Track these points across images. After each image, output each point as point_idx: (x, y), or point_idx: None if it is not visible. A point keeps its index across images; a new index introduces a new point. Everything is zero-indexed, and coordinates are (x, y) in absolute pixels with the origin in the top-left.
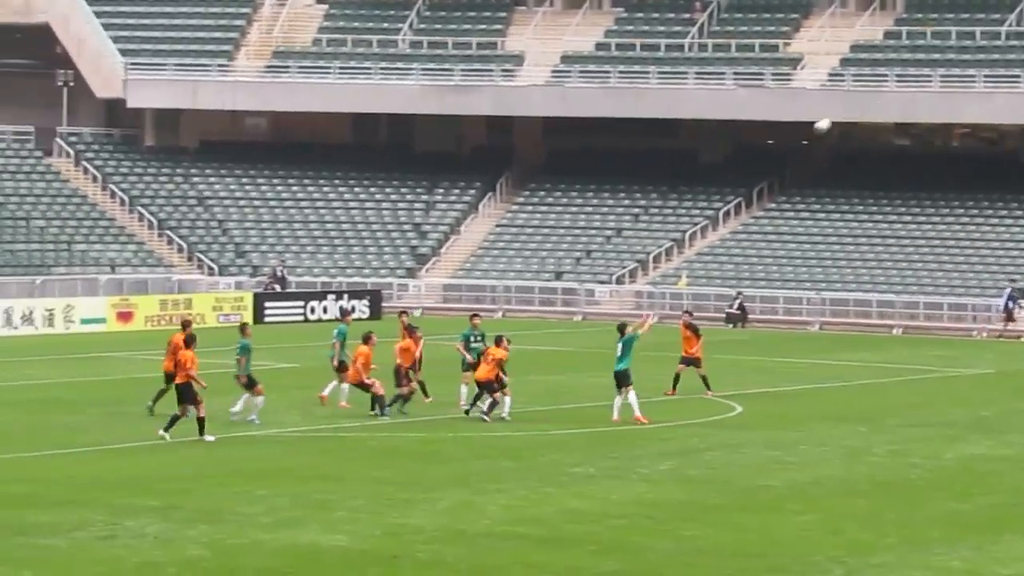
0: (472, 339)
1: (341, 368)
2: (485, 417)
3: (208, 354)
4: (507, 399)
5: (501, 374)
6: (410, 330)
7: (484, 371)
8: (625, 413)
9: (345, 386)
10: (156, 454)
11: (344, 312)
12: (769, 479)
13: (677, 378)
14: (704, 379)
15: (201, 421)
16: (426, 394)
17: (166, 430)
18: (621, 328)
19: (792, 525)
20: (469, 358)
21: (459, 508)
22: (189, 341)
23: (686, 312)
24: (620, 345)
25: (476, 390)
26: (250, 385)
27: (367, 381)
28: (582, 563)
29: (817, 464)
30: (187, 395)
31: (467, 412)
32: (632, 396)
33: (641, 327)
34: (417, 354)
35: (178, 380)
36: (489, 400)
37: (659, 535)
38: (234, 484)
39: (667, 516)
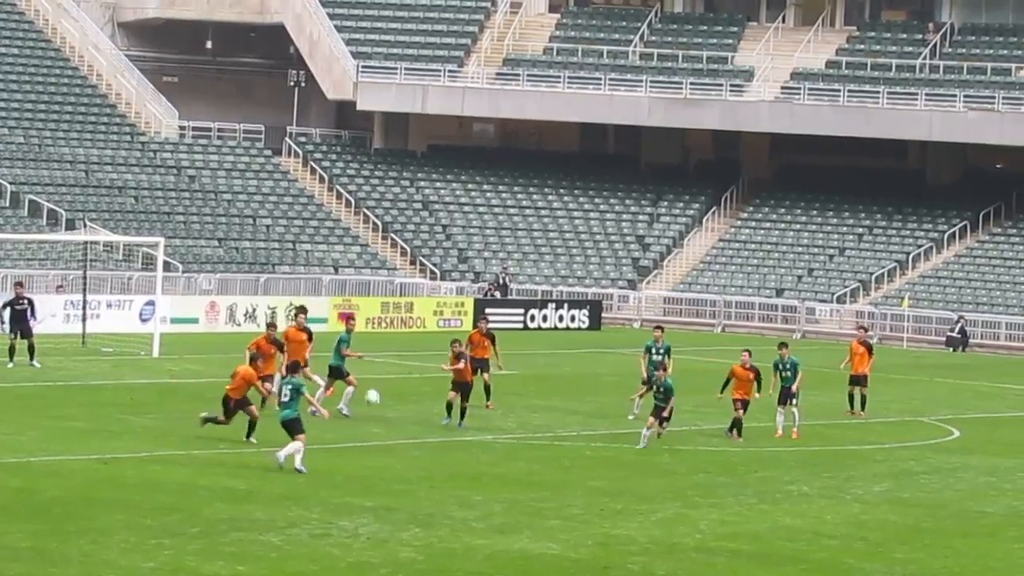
0: (654, 351)
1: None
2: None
3: (426, 358)
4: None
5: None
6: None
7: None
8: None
9: (350, 389)
10: (374, 455)
11: (348, 318)
12: (985, 505)
13: (852, 398)
14: (864, 399)
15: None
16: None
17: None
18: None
19: (1008, 553)
20: (644, 374)
21: (672, 521)
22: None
23: (861, 328)
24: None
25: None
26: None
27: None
28: None
29: None
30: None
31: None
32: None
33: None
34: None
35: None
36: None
37: (872, 557)
38: (449, 488)
39: (880, 538)
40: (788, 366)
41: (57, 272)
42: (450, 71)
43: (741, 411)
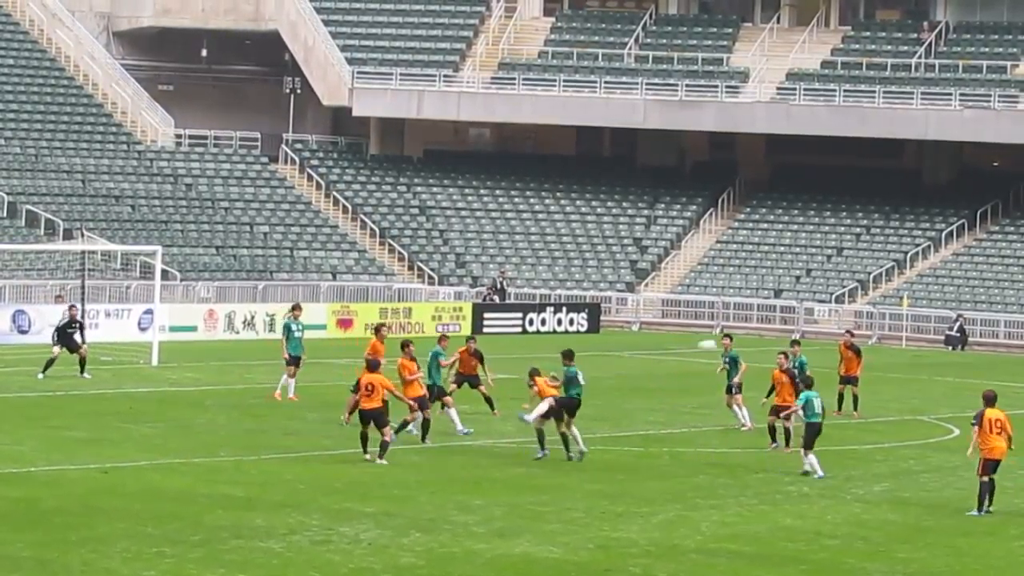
0: (724, 360)
1: (291, 362)
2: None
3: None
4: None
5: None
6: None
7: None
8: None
9: (292, 381)
10: (378, 463)
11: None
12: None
13: (841, 398)
14: (856, 399)
15: (384, 445)
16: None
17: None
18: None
19: (1009, 551)
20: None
21: (673, 523)
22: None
23: (848, 332)
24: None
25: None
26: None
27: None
28: None
29: None
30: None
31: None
32: None
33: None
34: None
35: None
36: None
37: (873, 557)
38: (450, 493)
39: (881, 538)
40: (795, 364)
41: (55, 282)
42: (445, 76)
43: (784, 420)
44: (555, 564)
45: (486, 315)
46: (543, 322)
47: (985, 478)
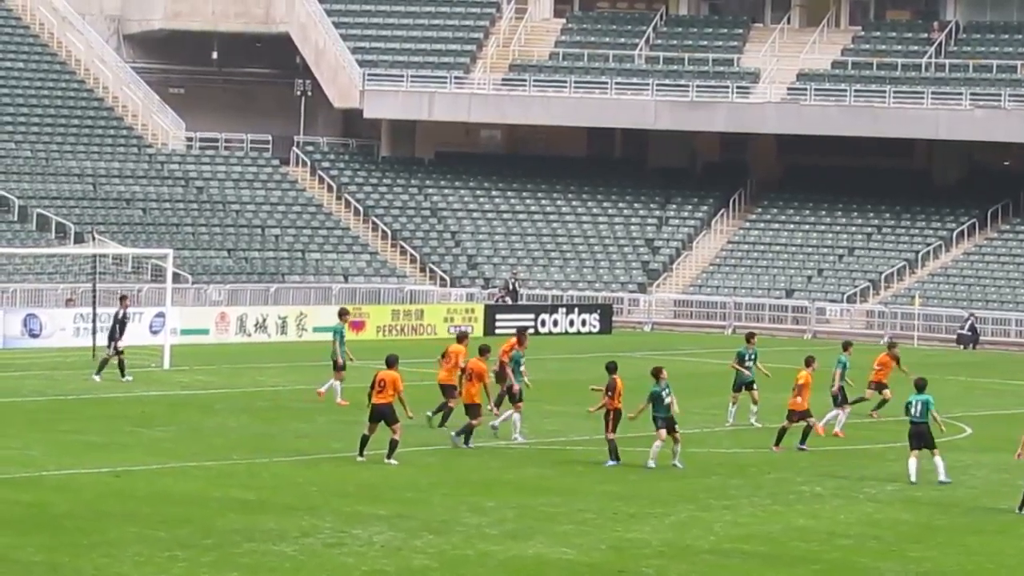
0: (747, 357)
1: (336, 367)
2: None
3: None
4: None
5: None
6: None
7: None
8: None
9: (338, 384)
10: (384, 464)
11: (342, 313)
12: (998, 502)
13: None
14: (884, 402)
15: (393, 444)
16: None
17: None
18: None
19: (1021, 550)
20: (747, 373)
21: (686, 524)
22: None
23: (891, 341)
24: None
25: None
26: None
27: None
28: None
29: None
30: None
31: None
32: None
33: None
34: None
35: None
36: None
37: (886, 557)
38: (463, 495)
39: (894, 537)
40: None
41: (67, 286)
42: (456, 78)
43: (810, 419)
44: (568, 565)
45: (498, 316)
46: (555, 323)
47: None
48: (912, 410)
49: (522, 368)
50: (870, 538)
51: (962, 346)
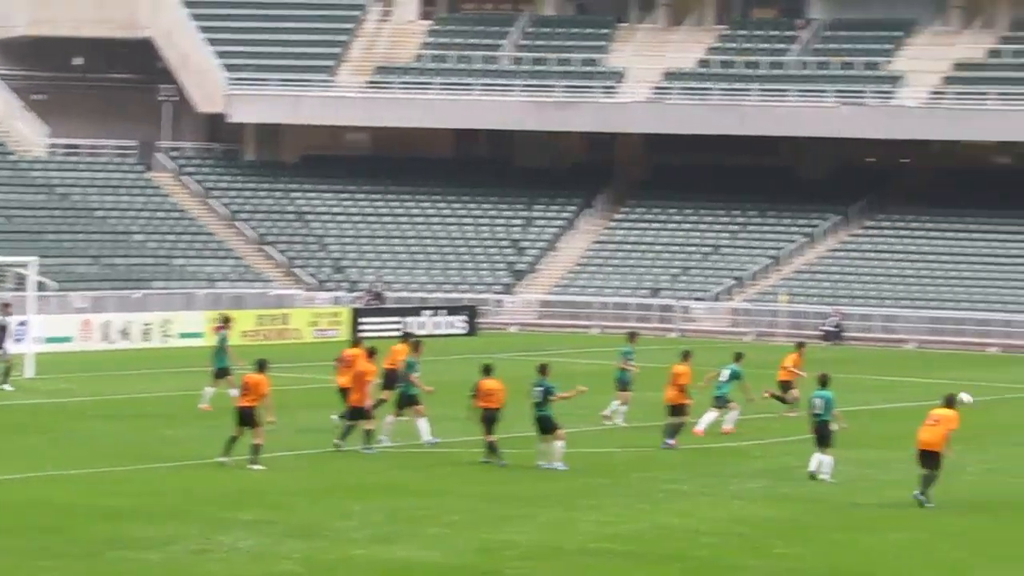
0: (629, 357)
1: (220, 374)
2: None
3: (303, 369)
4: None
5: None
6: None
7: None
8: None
9: (211, 390)
10: (248, 469)
11: (225, 319)
12: (863, 498)
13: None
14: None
15: (256, 448)
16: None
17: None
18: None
19: (885, 543)
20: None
21: (554, 524)
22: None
23: (800, 343)
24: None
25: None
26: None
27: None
28: None
29: (911, 483)
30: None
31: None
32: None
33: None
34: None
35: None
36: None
37: (752, 553)
38: (329, 499)
39: (760, 534)
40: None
41: None
42: (322, 80)
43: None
44: (435, 568)
45: (364, 320)
46: (421, 325)
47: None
48: (814, 406)
49: (416, 374)
50: (736, 535)
51: (827, 342)
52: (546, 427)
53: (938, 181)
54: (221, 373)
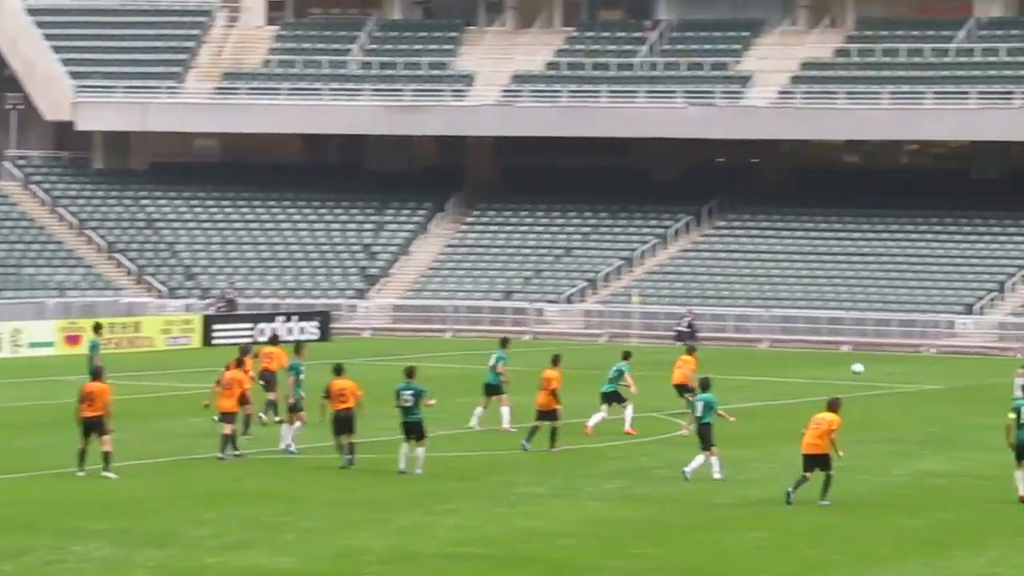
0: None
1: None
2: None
3: (156, 377)
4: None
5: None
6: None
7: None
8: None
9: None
10: (103, 476)
11: (96, 327)
12: (719, 497)
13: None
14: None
15: (107, 455)
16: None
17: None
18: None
19: (743, 542)
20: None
21: (410, 529)
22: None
23: (692, 346)
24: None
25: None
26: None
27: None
28: None
29: (767, 482)
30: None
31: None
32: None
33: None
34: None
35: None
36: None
37: (609, 554)
38: (185, 507)
39: (616, 535)
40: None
41: None
42: (170, 87)
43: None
44: (290, 575)
45: (216, 327)
46: (274, 331)
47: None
48: (696, 409)
49: (301, 377)
50: (592, 537)
51: (681, 342)
52: (418, 432)
53: (788, 180)
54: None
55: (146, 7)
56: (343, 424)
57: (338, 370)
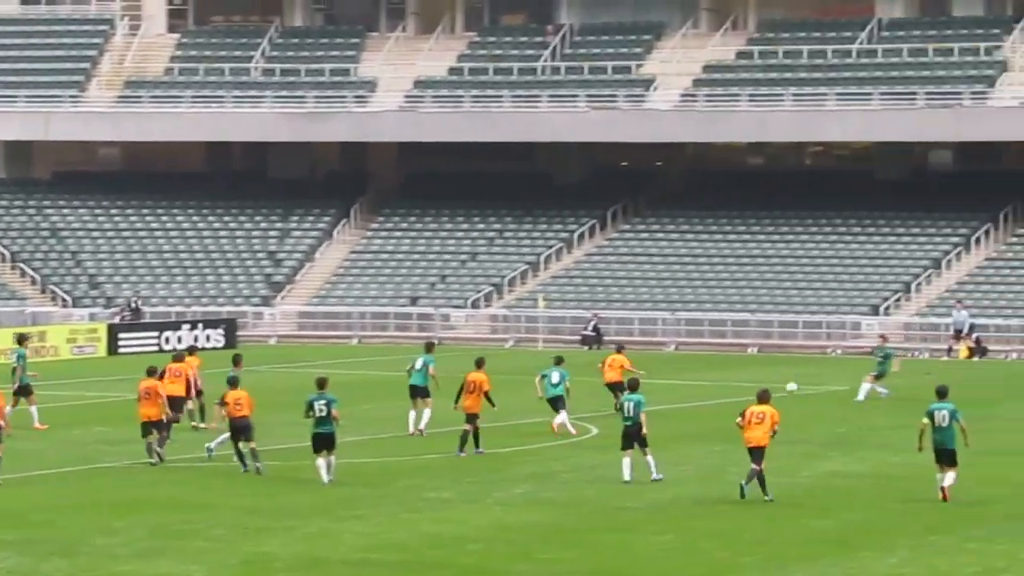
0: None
1: (22, 392)
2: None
3: (61, 387)
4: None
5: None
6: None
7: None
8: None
9: (35, 408)
10: (14, 486)
11: (21, 338)
12: (627, 500)
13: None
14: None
15: None
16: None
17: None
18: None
19: (651, 545)
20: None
21: (317, 536)
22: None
23: (619, 346)
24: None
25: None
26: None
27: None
28: None
29: (675, 484)
30: None
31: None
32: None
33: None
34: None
35: None
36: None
37: (517, 559)
38: (93, 516)
39: (524, 539)
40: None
41: None
42: (72, 96)
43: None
44: None
45: (121, 335)
46: (179, 340)
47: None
48: (625, 410)
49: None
50: (500, 541)
51: (587, 347)
52: (329, 444)
53: (692, 183)
54: (22, 391)
55: (47, 16)
56: (240, 432)
57: (233, 382)
